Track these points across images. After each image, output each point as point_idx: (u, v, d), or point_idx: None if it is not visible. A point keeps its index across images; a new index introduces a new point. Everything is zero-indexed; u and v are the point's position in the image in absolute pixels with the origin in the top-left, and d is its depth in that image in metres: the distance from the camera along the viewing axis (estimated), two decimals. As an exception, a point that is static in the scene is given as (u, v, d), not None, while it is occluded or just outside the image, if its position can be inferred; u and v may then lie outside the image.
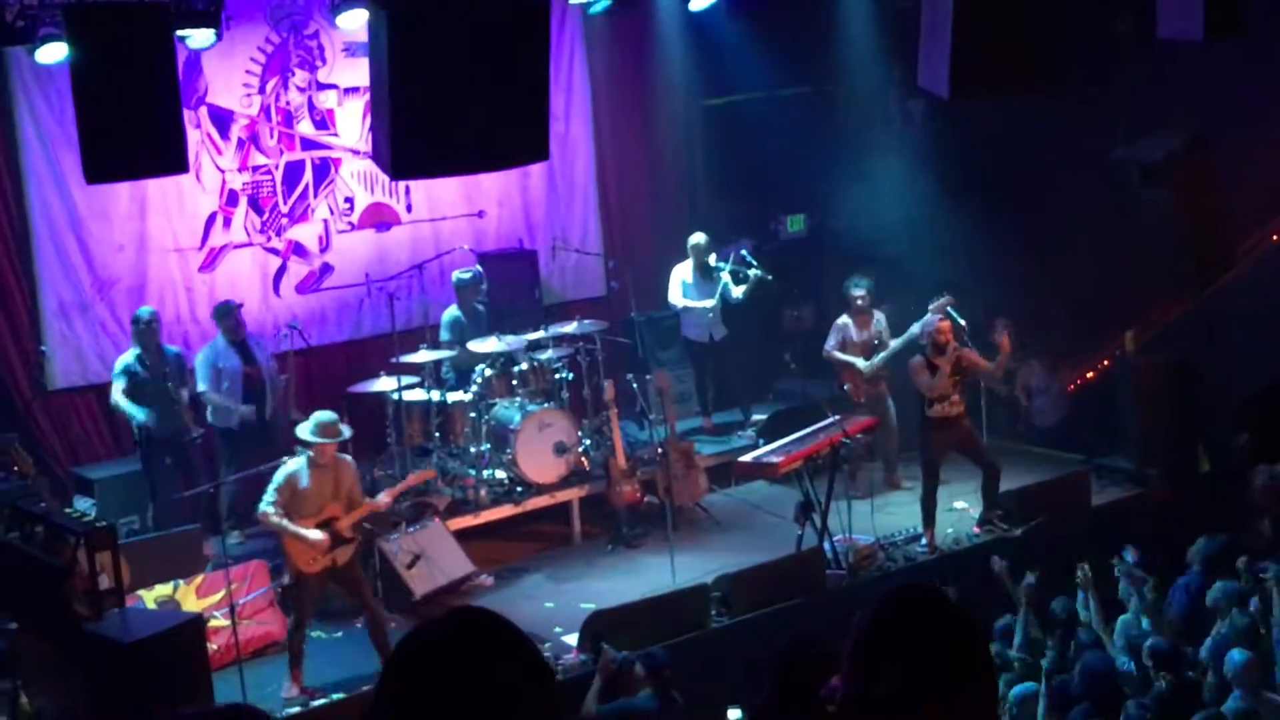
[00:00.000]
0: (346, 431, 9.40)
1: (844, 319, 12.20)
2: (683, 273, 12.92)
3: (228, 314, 11.23)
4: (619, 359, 12.71)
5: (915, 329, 11.35)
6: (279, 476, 9.27)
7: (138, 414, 10.66)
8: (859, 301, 12.09)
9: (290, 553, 9.30)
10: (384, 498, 9.66)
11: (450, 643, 2.14)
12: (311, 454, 9.26)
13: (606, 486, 11.71)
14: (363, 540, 10.38)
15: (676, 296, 12.94)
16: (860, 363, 12.01)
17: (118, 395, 10.74)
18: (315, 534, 9.16)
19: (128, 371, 10.74)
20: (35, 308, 11.35)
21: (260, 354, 11.35)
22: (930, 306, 11.34)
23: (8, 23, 10.07)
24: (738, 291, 12.81)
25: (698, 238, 12.87)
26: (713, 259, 12.86)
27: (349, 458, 9.57)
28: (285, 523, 9.14)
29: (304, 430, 9.32)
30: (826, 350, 12.22)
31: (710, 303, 12.79)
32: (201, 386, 11.11)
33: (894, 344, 11.87)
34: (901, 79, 13.24)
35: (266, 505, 9.20)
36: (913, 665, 2.33)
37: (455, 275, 12.24)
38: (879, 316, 12.19)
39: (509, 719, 2.09)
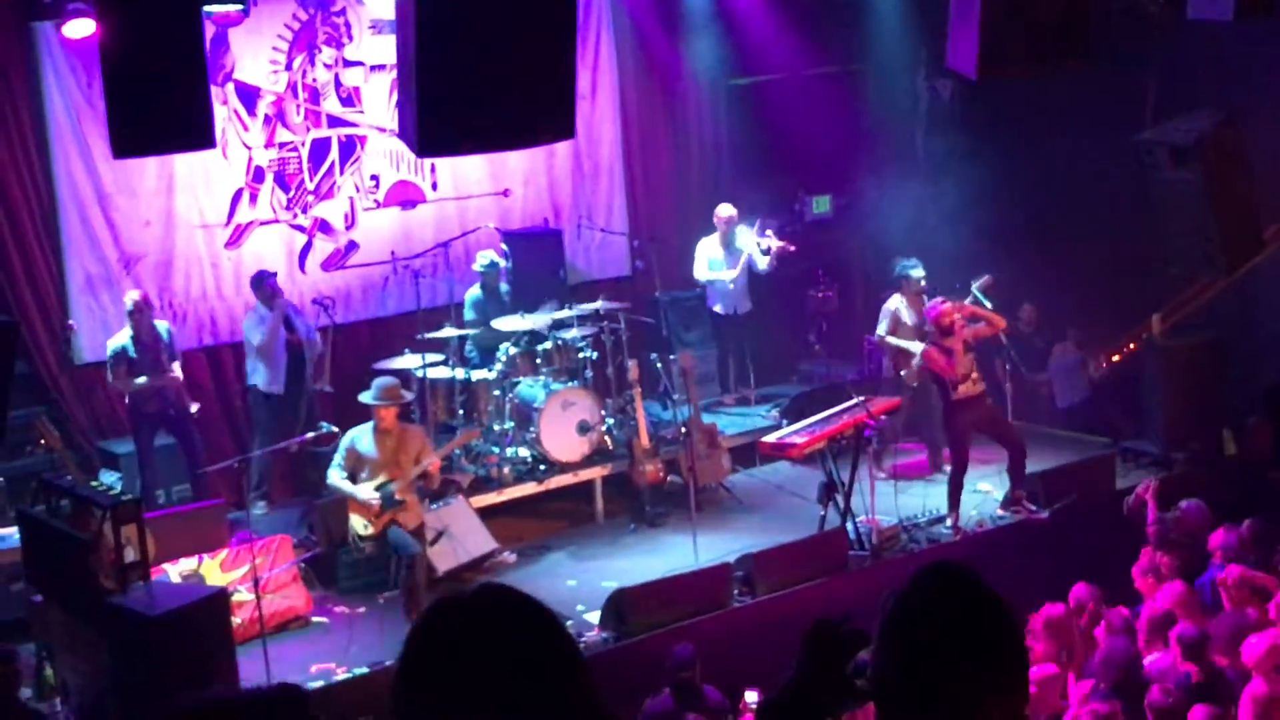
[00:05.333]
0: (407, 395, 9.58)
1: (895, 302, 11.85)
2: (708, 248, 12.91)
3: (261, 282, 11.32)
4: (643, 338, 12.71)
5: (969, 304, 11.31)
6: (344, 441, 9.64)
7: (136, 382, 10.76)
8: (915, 284, 11.74)
9: (351, 517, 9.56)
10: (433, 460, 9.76)
11: (476, 619, 2.11)
12: (375, 420, 9.56)
13: (629, 466, 11.72)
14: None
15: (702, 270, 12.95)
16: (915, 347, 11.51)
17: (112, 378, 10.88)
18: (366, 491, 9.42)
19: (120, 353, 10.81)
20: (62, 283, 11.40)
21: (299, 323, 11.43)
22: (974, 285, 11.32)
23: (36, -2, 10.14)
24: (763, 263, 12.79)
25: (725, 209, 12.86)
26: (740, 232, 12.86)
27: (417, 426, 9.72)
28: (344, 484, 9.48)
29: (366, 395, 9.65)
30: (879, 335, 11.96)
31: (733, 273, 12.77)
32: (256, 339, 11.26)
33: None
34: (929, 59, 13.18)
35: (332, 468, 9.58)
36: (943, 642, 2.33)
37: (478, 260, 12.26)
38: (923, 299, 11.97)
39: (532, 700, 2.06)
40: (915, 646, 2.35)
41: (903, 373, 11.88)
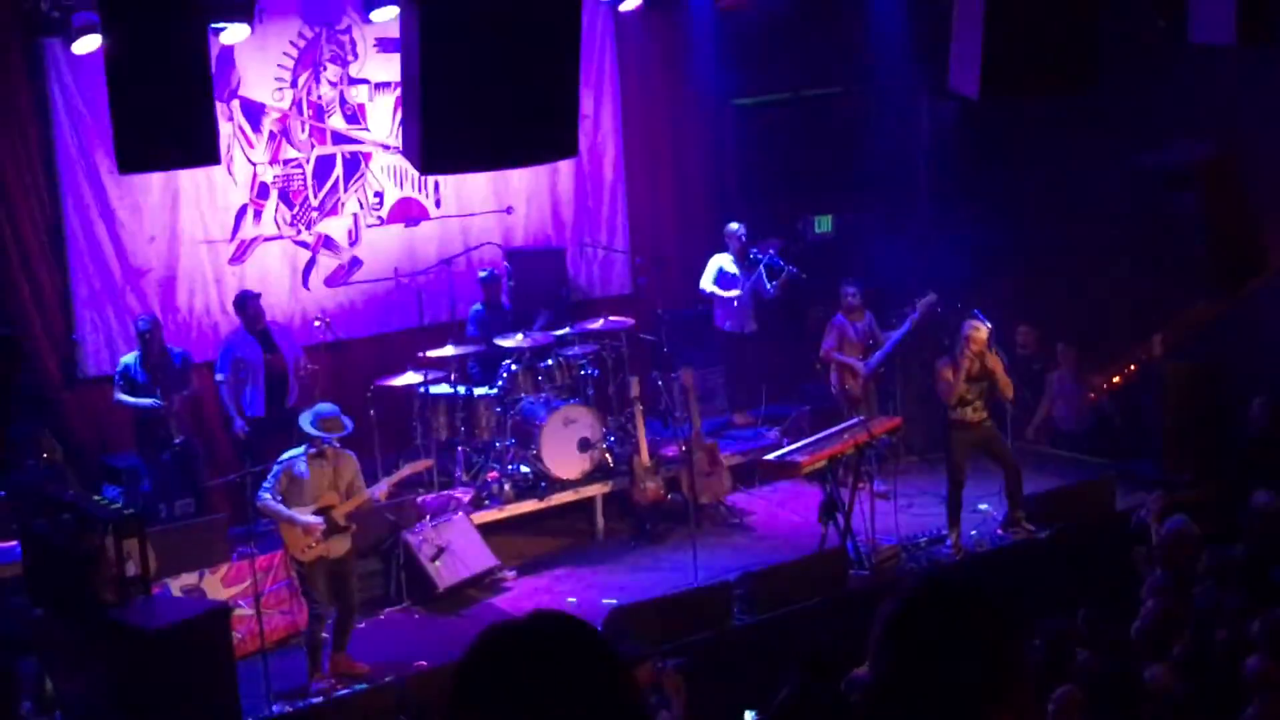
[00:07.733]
0: (348, 425, 9.41)
1: (840, 318, 12.34)
2: (721, 261, 12.99)
3: (244, 303, 11.33)
4: (644, 356, 12.74)
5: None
6: (279, 464, 9.36)
7: (141, 403, 10.77)
8: (850, 300, 12.28)
9: (286, 541, 9.35)
10: (381, 489, 9.68)
11: (532, 647, 2.10)
12: (312, 445, 9.33)
13: (630, 483, 11.73)
14: (385, 534, 10.45)
15: (708, 282, 13.02)
16: (860, 365, 12.15)
17: (118, 395, 10.88)
18: (310, 518, 9.21)
19: (124, 371, 10.84)
20: (66, 297, 11.43)
21: (284, 343, 11.42)
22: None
23: (43, 13, 10.21)
24: (771, 285, 12.86)
25: (735, 226, 12.98)
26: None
27: (349, 450, 9.57)
28: (280, 508, 9.21)
29: (305, 422, 9.38)
30: (825, 350, 12.27)
31: (734, 293, 12.86)
32: (219, 376, 11.28)
33: (893, 337, 12.04)
34: (931, 81, 13.21)
35: (264, 492, 9.27)
36: (941, 652, 2.28)
37: (480, 273, 12.36)
38: (869, 315, 12.35)
39: None
40: (912, 657, 2.29)
41: (848, 387, 12.05)
